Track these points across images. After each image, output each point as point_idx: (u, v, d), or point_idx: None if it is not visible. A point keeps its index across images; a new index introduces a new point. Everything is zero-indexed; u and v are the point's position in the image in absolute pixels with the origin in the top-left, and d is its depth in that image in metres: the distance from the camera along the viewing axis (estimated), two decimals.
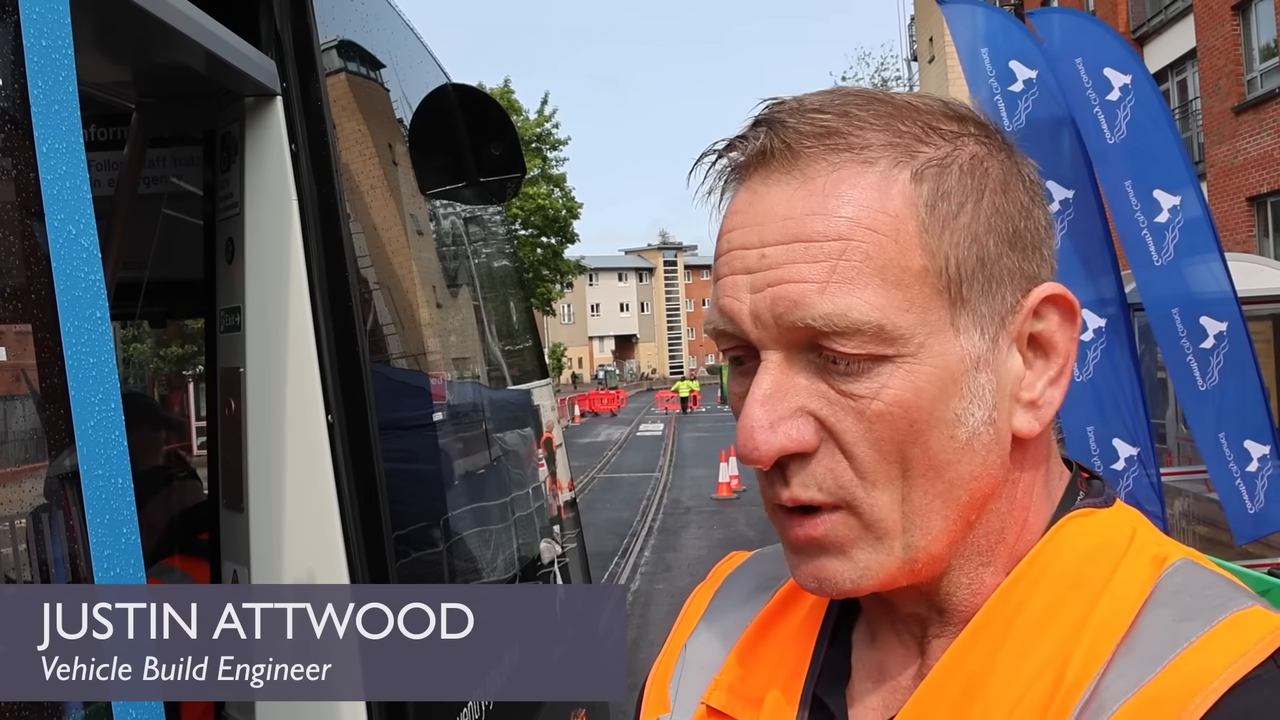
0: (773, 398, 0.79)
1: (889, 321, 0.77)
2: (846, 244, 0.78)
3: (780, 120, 0.82)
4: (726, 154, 0.85)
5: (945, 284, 0.79)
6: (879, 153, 0.80)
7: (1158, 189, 8.61)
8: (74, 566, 1.06)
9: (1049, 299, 0.83)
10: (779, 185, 0.81)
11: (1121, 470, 7.98)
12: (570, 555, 3.95)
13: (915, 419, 0.78)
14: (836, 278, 0.77)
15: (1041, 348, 0.84)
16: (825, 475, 0.80)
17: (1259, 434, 8.35)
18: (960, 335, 0.80)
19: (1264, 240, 19.29)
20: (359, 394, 2.05)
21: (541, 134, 41.56)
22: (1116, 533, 0.84)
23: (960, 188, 0.81)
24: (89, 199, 1.08)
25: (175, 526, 2.95)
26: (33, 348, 1.01)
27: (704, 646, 1.02)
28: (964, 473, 0.80)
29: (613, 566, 14.01)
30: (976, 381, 0.80)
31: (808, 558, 0.83)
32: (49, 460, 1.06)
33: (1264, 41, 19.41)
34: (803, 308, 0.78)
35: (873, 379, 0.78)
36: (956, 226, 0.80)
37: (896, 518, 0.80)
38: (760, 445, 0.79)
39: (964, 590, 0.85)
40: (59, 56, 1.06)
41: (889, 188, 0.79)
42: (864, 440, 0.79)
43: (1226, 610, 0.76)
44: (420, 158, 2.84)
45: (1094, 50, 8.81)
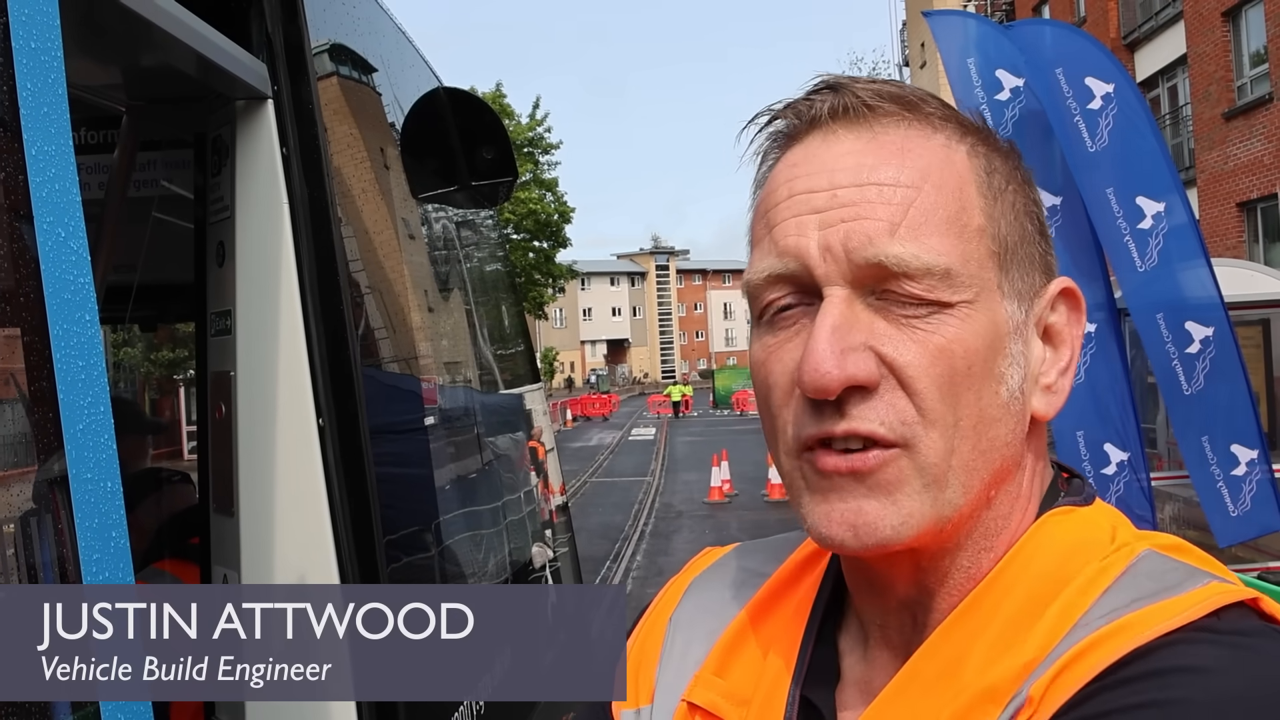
0: (840, 329, 0.80)
1: (955, 267, 0.81)
2: (918, 192, 0.82)
3: (848, 86, 0.86)
4: (784, 115, 0.89)
5: (997, 247, 0.84)
6: (940, 124, 0.87)
7: (1141, 195, 8.65)
8: (63, 570, 1.05)
9: (1064, 291, 0.89)
10: (848, 138, 0.85)
11: (1112, 475, 8.00)
12: (562, 559, 3.94)
13: (972, 362, 0.81)
14: (908, 221, 0.81)
15: (1052, 339, 0.89)
16: (887, 410, 0.80)
17: (1246, 438, 8.38)
18: (1005, 299, 0.84)
19: (1254, 245, 19.36)
20: (350, 398, 2.05)
21: (534, 138, 41.55)
22: (1097, 530, 0.86)
23: (1004, 169, 0.88)
24: (79, 202, 1.07)
25: (165, 530, 2.94)
26: (21, 351, 1.01)
27: (687, 641, 1.01)
28: (1001, 435, 0.83)
29: (604, 571, 14.00)
30: (1014, 347, 0.84)
31: (843, 499, 0.81)
32: (38, 464, 1.06)
33: (1254, 48, 19.49)
34: (876, 244, 0.80)
35: (935, 318, 0.81)
36: (1005, 200, 0.86)
37: (944, 467, 0.81)
38: (833, 369, 0.79)
39: (961, 573, 0.86)
40: (48, 59, 1.06)
41: (952, 153, 0.85)
42: (926, 374, 0.80)
43: (1182, 588, 0.77)
44: (412, 161, 2.83)
45: (1075, 60, 8.85)
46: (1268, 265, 15.38)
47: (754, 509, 18.82)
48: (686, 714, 0.96)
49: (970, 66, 8.69)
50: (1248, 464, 8.37)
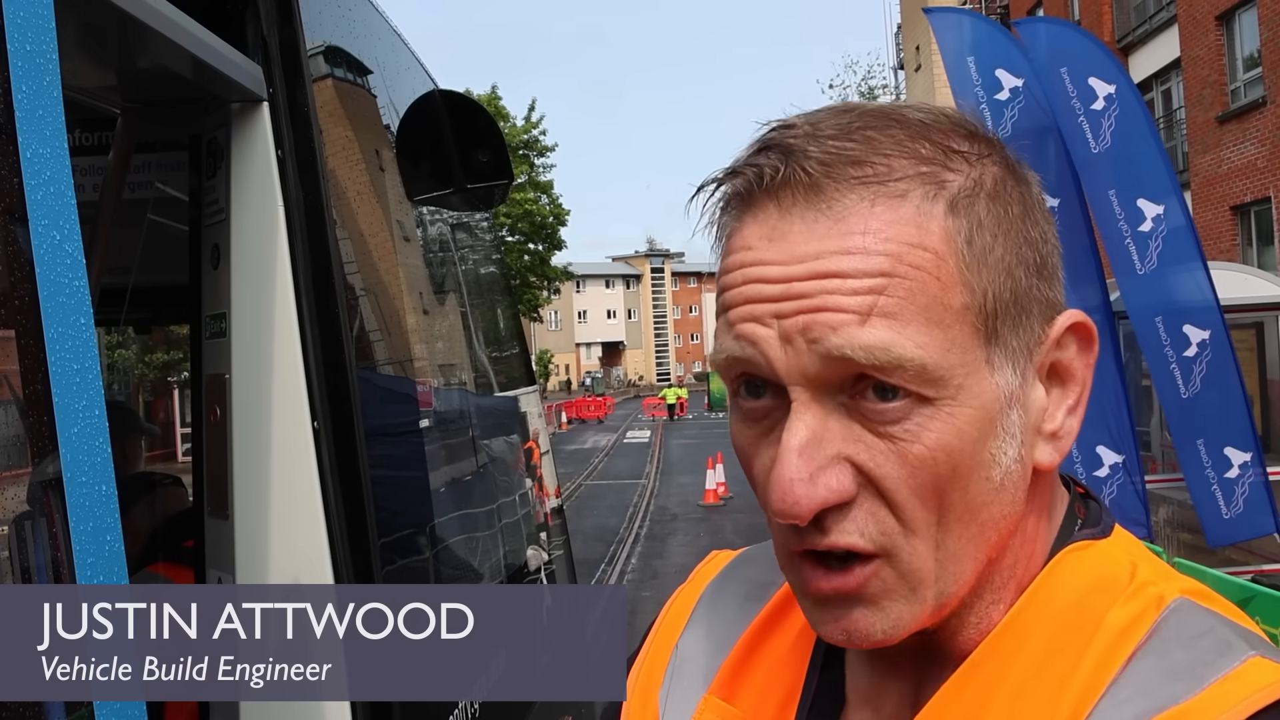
0: (810, 445, 0.74)
1: (932, 361, 0.73)
2: (888, 280, 0.73)
3: (798, 149, 0.76)
4: (730, 181, 0.80)
5: (983, 320, 0.76)
6: (909, 184, 0.75)
7: (1141, 198, 8.66)
8: (57, 573, 1.05)
9: (1072, 328, 0.81)
10: (802, 221, 0.76)
11: (1105, 477, 8.02)
12: (557, 562, 3.94)
13: (958, 463, 0.75)
14: (878, 312, 0.73)
15: (1059, 376, 0.82)
16: (867, 521, 0.75)
17: (1241, 441, 8.39)
18: (995, 373, 0.76)
19: (1247, 249, 19.40)
20: (345, 400, 2.05)
21: (529, 140, 41.60)
22: (1116, 568, 0.81)
23: (991, 218, 0.77)
24: (74, 204, 1.07)
25: (160, 533, 2.94)
26: (16, 354, 1.01)
27: (694, 658, 0.99)
28: (996, 514, 0.78)
29: (600, 573, 13.99)
30: (1009, 419, 0.77)
31: (834, 610, 0.79)
32: (32, 467, 1.06)
33: (1247, 51, 19.54)
34: (841, 334, 0.73)
35: (913, 421, 0.74)
36: (991, 260, 0.76)
37: (931, 566, 0.76)
38: (801, 500, 0.73)
39: (970, 629, 0.82)
40: (43, 61, 1.06)
41: (927, 222, 0.75)
42: (905, 486, 0.74)
43: (1219, 669, 0.72)
44: (407, 164, 2.83)
45: (1079, 60, 8.86)
46: (1261, 268, 15.42)
47: (749, 511, 18.80)
48: None
49: (970, 65, 8.70)
50: (1240, 466, 8.39)
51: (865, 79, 51.10)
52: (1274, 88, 18.26)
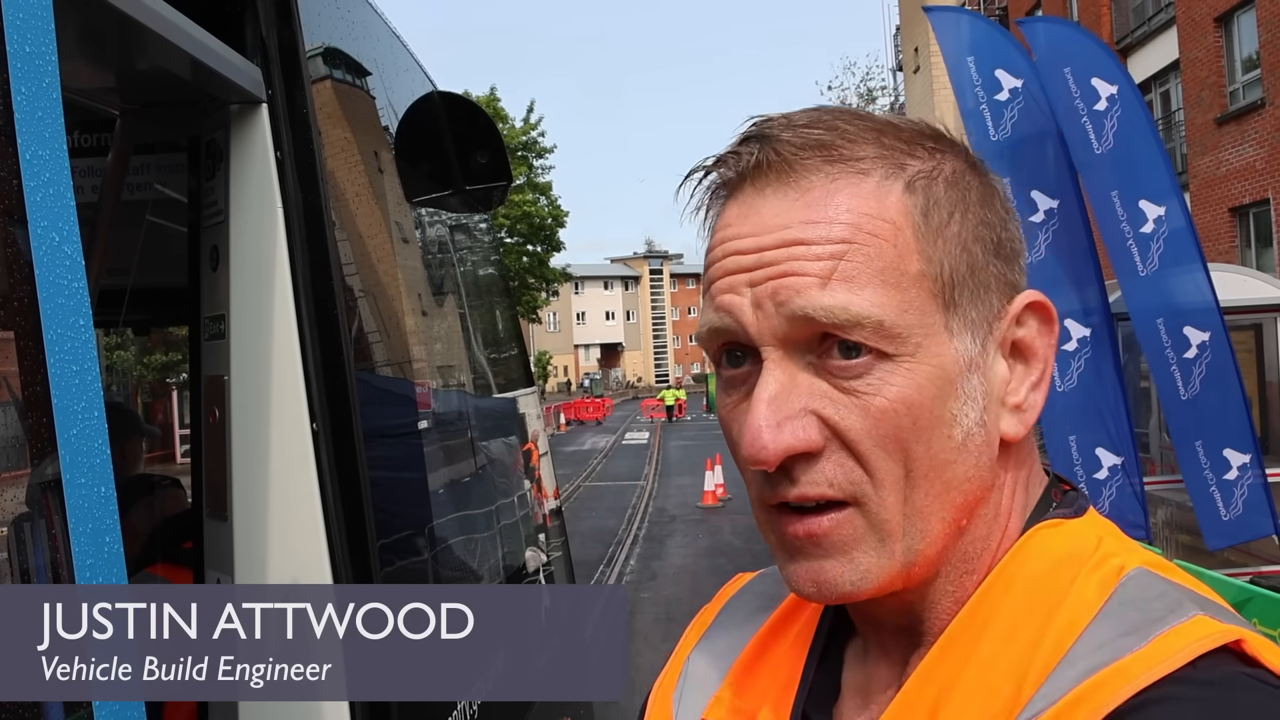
0: (778, 397, 0.81)
1: (889, 319, 0.79)
2: (848, 246, 0.80)
3: (773, 135, 0.84)
4: (716, 169, 0.88)
5: (940, 288, 0.82)
6: (871, 164, 0.83)
7: (1143, 199, 8.65)
8: (56, 575, 1.05)
9: (1030, 306, 0.87)
10: (775, 196, 0.84)
11: (1104, 479, 8.02)
12: (555, 563, 3.94)
13: (918, 416, 0.80)
14: (839, 275, 0.80)
15: (1022, 353, 0.87)
16: (835, 470, 0.81)
17: (1240, 443, 8.39)
18: (954, 338, 0.82)
19: (1245, 250, 19.41)
20: (344, 402, 2.05)
21: (528, 142, 41.60)
22: (1082, 542, 0.85)
23: (948, 198, 0.84)
24: (73, 206, 1.07)
25: (158, 535, 2.94)
26: (15, 355, 1.01)
27: (704, 664, 1.04)
28: (960, 473, 0.82)
29: (598, 575, 13.98)
30: (970, 383, 0.83)
31: (805, 559, 0.84)
32: (32, 468, 1.06)
33: (1246, 53, 19.55)
34: (804, 296, 0.79)
35: (875, 376, 0.80)
36: (948, 234, 0.83)
37: (899, 519, 0.81)
38: (769, 444, 0.79)
39: (947, 599, 0.86)
40: (43, 63, 1.06)
41: (885, 196, 0.82)
42: (869, 437, 0.80)
43: (1167, 623, 0.76)
44: (406, 165, 2.83)
45: (1082, 60, 8.84)
46: (1259, 270, 15.43)
47: (747, 513, 18.62)
48: None
49: (969, 65, 8.70)
50: (1239, 468, 8.39)
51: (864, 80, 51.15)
52: (1273, 89, 18.28)
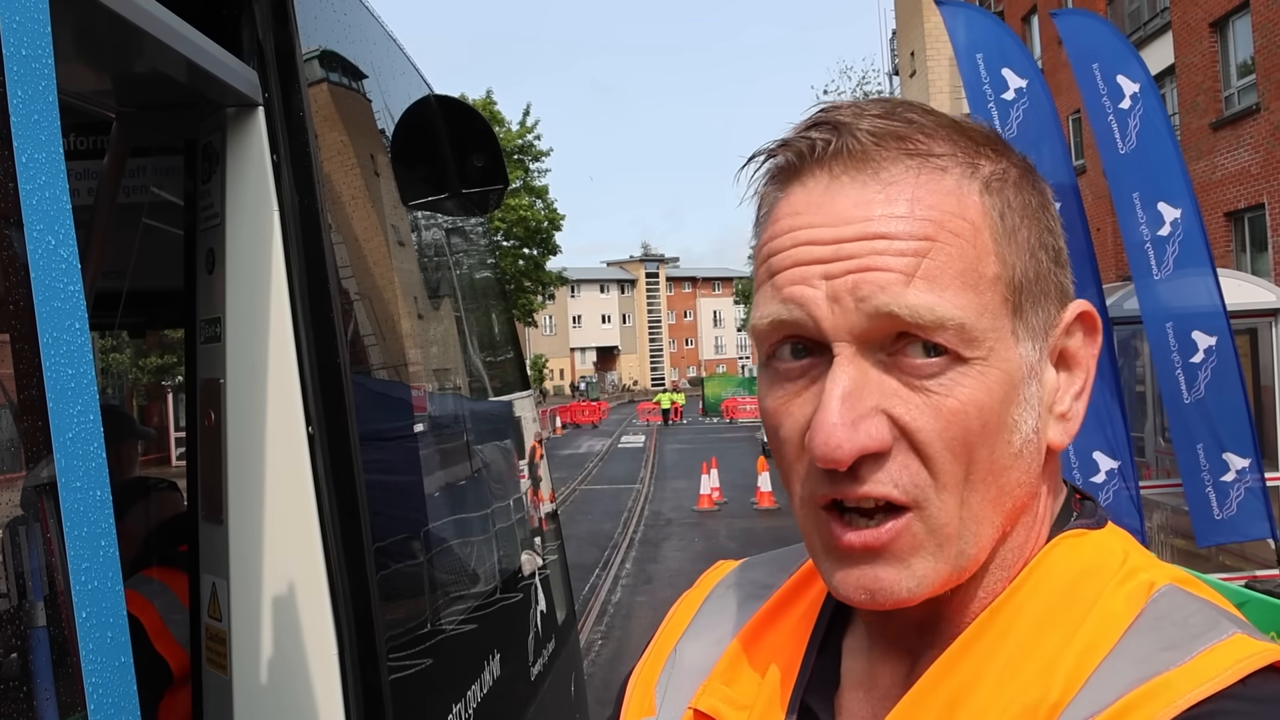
0: (852, 395, 0.78)
1: (970, 321, 0.78)
2: (932, 244, 0.79)
3: (848, 123, 0.82)
4: (781, 153, 0.85)
5: (1011, 293, 0.81)
6: (949, 162, 0.82)
7: (1162, 201, 8.65)
8: (51, 578, 1.05)
9: (1080, 315, 0.87)
10: (853, 186, 0.81)
11: (1102, 484, 8.02)
12: (551, 567, 3.94)
13: (987, 420, 0.79)
14: (923, 273, 0.78)
15: (1067, 363, 0.87)
16: (901, 473, 0.79)
17: (1240, 447, 8.42)
18: (1019, 344, 0.82)
19: (1241, 255, 19.45)
20: (340, 405, 2.04)
21: (524, 145, 41.60)
22: (1108, 555, 0.85)
23: (1019, 203, 0.84)
24: (69, 209, 1.07)
25: (154, 538, 2.94)
26: (10, 358, 1.01)
27: (694, 652, 1.02)
28: (1013, 479, 0.82)
29: (594, 578, 13.99)
30: (1029, 390, 0.82)
31: (857, 565, 0.81)
32: (27, 471, 1.06)
33: (1241, 58, 19.60)
34: (889, 293, 0.77)
35: (947, 377, 0.79)
36: (1019, 240, 0.83)
37: (956, 522, 0.80)
38: (845, 443, 0.77)
39: (977, 602, 0.85)
40: (39, 66, 1.06)
41: (965, 196, 0.81)
42: (939, 439, 0.79)
43: (1207, 640, 0.76)
44: (402, 169, 2.83)
45: (1109, 55, 8.84)
46: (1255, 275, 15.45)
47: (743, 516, 18.82)
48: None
49: (978, 61, 8.69)
50: (1238, 472, 8.42)
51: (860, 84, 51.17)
52: (1268, 95, 18.32)
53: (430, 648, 2.36)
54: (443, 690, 2.41)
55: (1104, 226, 22.18)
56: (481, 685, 2.66)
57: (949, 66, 37.00)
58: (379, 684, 2.02)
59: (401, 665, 2.15)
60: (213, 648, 2.07)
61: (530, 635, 3.33)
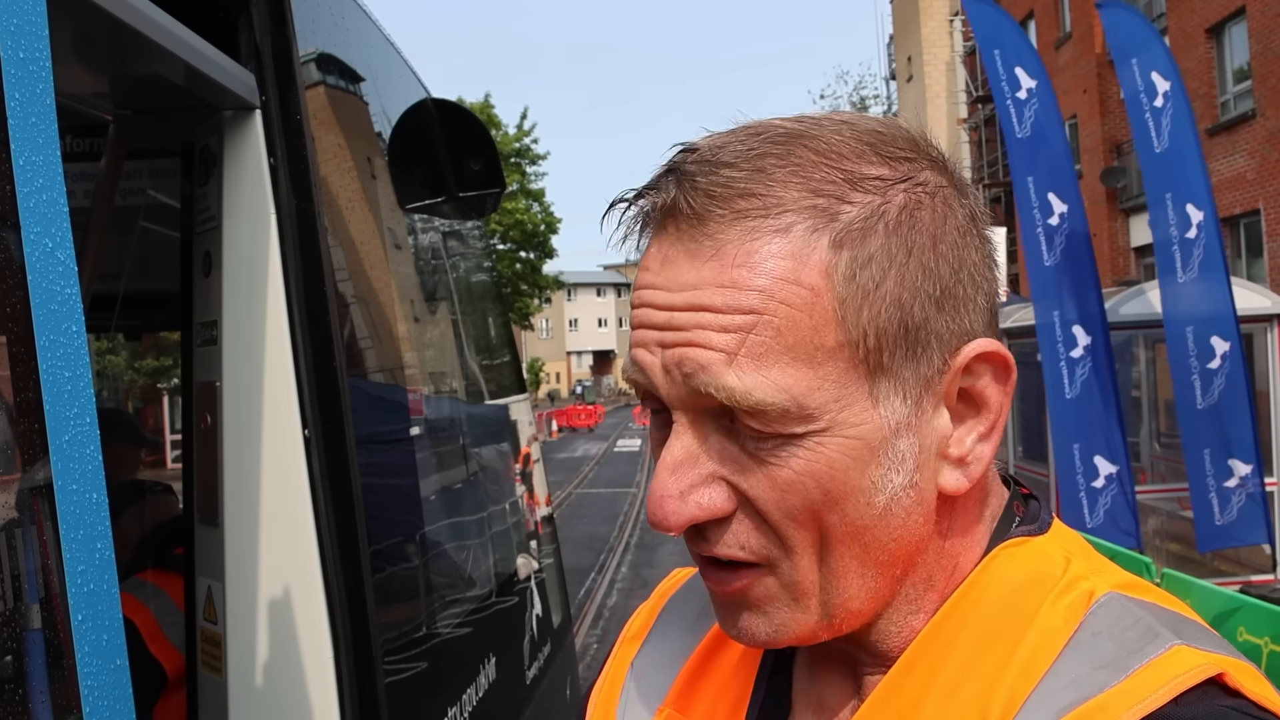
0: (683, 464, 0.77)
1: (795, 404, 0.74)
2: (758, 318, 0.74)
3: (690, 176, 0.77)
4: (637, 202, 0.81)
5: (864, 355, 0.75)
6: (795, 216, 0.75)
7: (1189, 203, 8.64)
8: (47, 581, 1.05)
9: (980, 357, 0.79)
10: (686, 249, 0.77)
11: (1102, 488, 8.03)
12: (547, 571, 3.94)
13: (829, 488, 0.75)
14: (745, 352, 0.74)
15: (972, 402, 0.81)
16: (747, 534, 0.78)
17: (1244, 453, 8.43)
18: (879, 404, 0.76)
19: (1236, 261, 19.49)
20: (336, 408, 2.04)
21: (520, 149, 41.61)
22: (1049, 563, 0.82)
23: (884, 252, 0.76)
24: (66, 213, 1.07)
25: (150, 541, 2.93)
26: (8, 361, 1.01)
27: (650, 671, 1.01)
28: (882, 536, 0.78)
29: (589, 582, 13.98)
30: (895, 448, 0.77)
31: (725, 610, 0.83)
32: (23, 474, 1.06)
33: (1237, 64, 19.65)
34: (709, 374, 0.74)
35: (784, 449, 0.75)
36: (879, 296, 0.75)
37: (814, 579, 0.78)
38: (670, 515, 0.77)
39: (892, 636, 0.84)
40: (37, 69, 1.06)
41: (806, 258, 0.74)
42: (777, 508, 0.76)
43: (1144, 656, 0.73)
44: (399, 172, 2.83)
45: (1146, 52, 8.84)
46: (1250, 280, 15.47)
47: None
48: None
49: (996, 58, 8.72)
50: (1241, 478, 8.44)
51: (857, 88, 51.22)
52: (1263, 100, 18.36)
53: (426, 651, 2.36)
54: (438, 694, 2.41)
55: (1100, 232, 22.22)
56: (477, 689, 2.66)
57: (945, 71, 37.08)
58: (374, 687, 2.02)
59: (397, 669, 2.15)
60: (208, 651, 2.06)
61: (526, 639, 3.33)
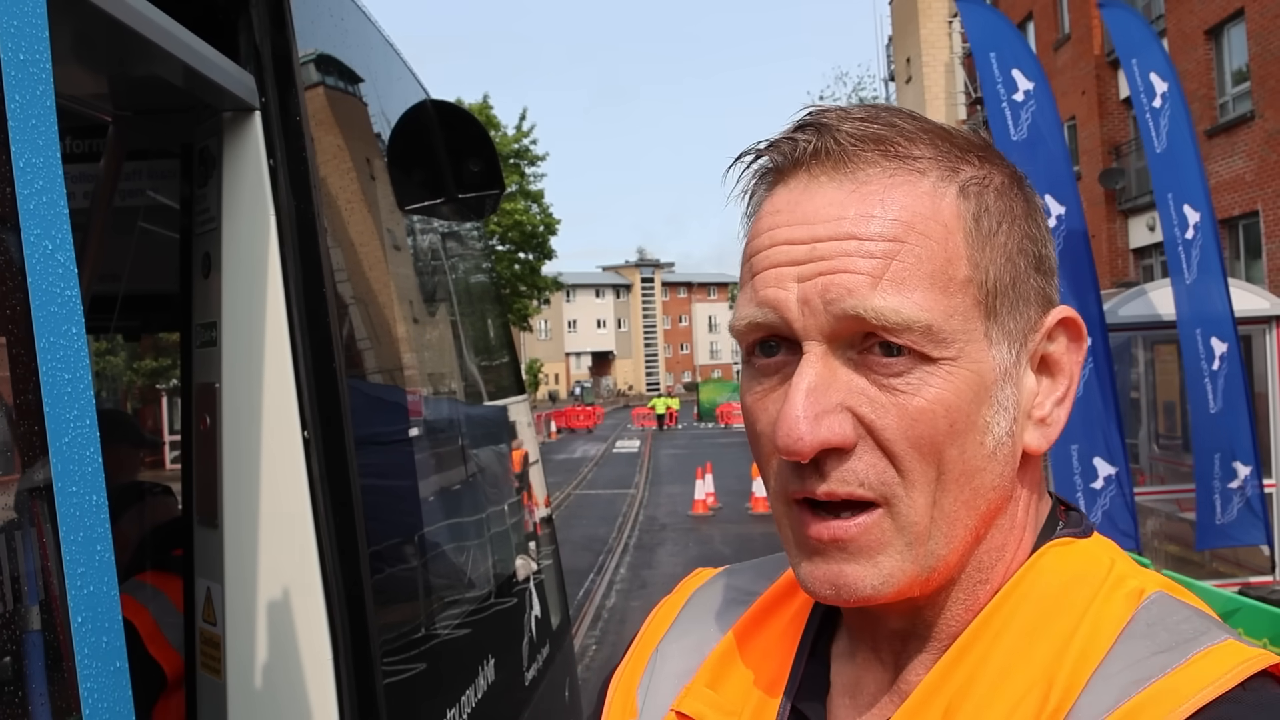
0: (816, 390, 0.80)
1: (936, 323, 0.79)
2: (901, 245, 0.80)
3: (830, 125, 0.84)
4: (768, 154, 0.87)
5: (984, 296, 0.82)
6: (928, 165, 0.83)
7: (1186, 204, 8.67)
8: (47, 583, 1.05)
9: (1062, 321, 0.87)
10: (830, 186, 0.83)
11: (1100, 489, 8.03)
12: (545, 572, 3.94)
13: (955, 420, 0.80)
14: (890, 275, 0.79)
15: (1049, 369, 0.88)
16: (867, 470, 0.80)
17: (1244, 455, 8.45)
18: (993, 346, 0.82)
19: (1235, 262, 19.49)
20: (335, 410, 2.04)
21: (519, 150, 41.58)
22: (1095, 563, 0.86)
23: (998, 208, 0.85)
24: (66, 214, 1.07)
25: (149, 542, 2.93)
26: (7, 363, 1.01)
27: (675, 655, 1.03)
28: (987, 481, 0.82)
29: (588, 583, 13.98)
30: (1003, 392, 0.83)
31: (825, 561, 0.83)
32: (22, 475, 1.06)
33: (1236, 66, 19.66)
34: (856, 296, 0.79)
35: (914, 376, 0.80)
36: (995, 244, 0.83)
37: (927, 521, 0.81)
38: (805, 436, 0.78)
39: (958, 607, 0.86)
40: (37, 71, 1.06)
41: (940, 199, 0.82)
42: (904, 438, 0.79)
43: (1200, 644, 0.77)
44: (399, 174, 2.83)
45: (1145, 52, 8.85)
46: (1249, 282, 15.48)
47: (738, 522, 18.81)
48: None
49: (992, 60, 8.73)
50: (1243, 479, 8.45)
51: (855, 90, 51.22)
52: (1262, 102, 18.37)
53: (425, 652, 2.36)
54: (437, 695, 2.41)
55: (1099, 234, 22.23)
56: (476, 690, 2.66)
57: (944, 73, 37.08)
58: (373, 689, 2.02)
59: (396, 670, 2.15)
60: (207, 652, 2.06)
61: (525, 640, 3.33)
